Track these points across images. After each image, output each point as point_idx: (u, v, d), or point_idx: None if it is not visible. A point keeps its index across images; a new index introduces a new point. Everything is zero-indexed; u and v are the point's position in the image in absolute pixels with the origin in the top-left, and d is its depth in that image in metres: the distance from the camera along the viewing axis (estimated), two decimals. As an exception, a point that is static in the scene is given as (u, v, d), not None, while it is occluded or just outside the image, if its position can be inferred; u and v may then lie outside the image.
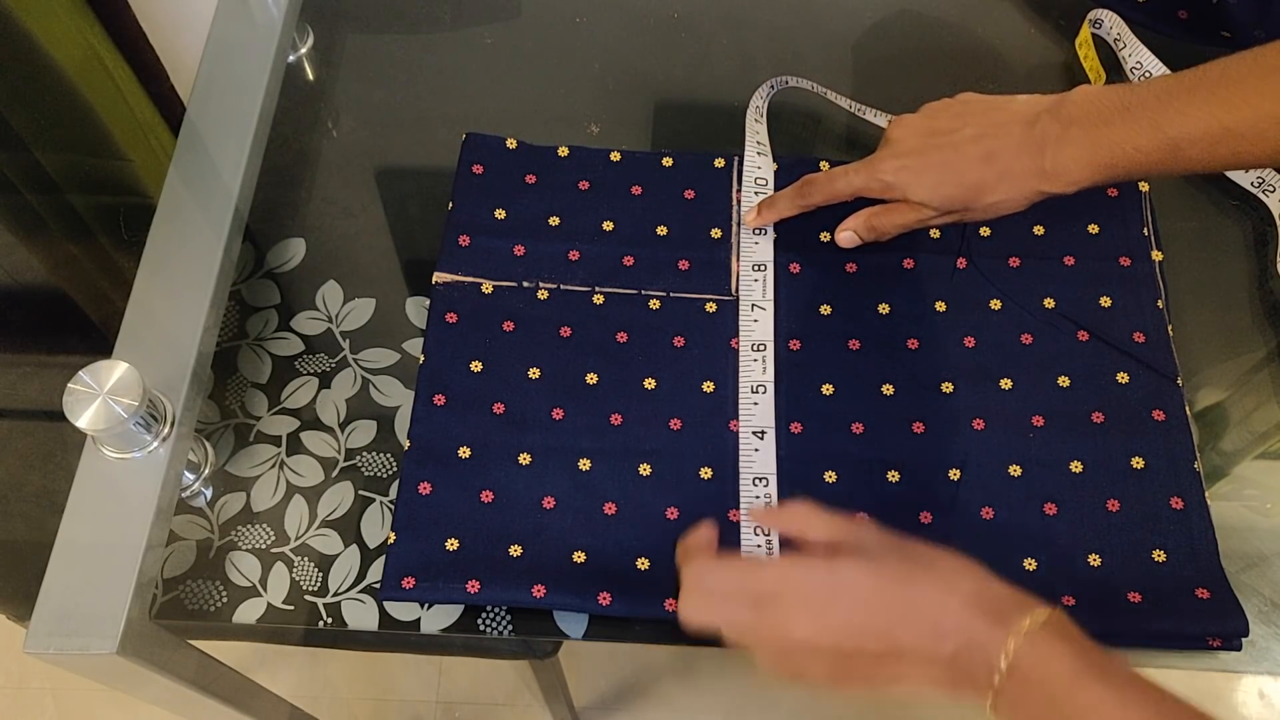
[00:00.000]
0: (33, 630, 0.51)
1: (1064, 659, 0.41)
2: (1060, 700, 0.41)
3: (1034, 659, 0.41)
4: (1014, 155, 0.56)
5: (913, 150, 0.59)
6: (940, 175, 0.58)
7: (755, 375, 0.60)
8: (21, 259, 0.75)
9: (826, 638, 0.44)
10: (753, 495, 0.57)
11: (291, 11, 0.74)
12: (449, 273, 0.63)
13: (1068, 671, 0.41)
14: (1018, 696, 0.41)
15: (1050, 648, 0.41)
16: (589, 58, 0.74)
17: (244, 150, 0.66)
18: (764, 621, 0.45)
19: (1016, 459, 0.58)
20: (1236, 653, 0.54)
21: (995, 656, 0.41)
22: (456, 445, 0.58)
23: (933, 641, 0.43)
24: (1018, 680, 0.41)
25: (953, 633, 0.43)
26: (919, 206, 0.59)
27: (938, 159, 0.58)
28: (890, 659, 0.44)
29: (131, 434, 0.53)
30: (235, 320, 0.63)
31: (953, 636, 0.43)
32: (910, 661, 0.43)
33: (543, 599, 0.54)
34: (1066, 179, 0.55)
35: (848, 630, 0.44)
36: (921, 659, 0.43)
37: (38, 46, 0.76)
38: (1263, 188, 0.67)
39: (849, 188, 0.60)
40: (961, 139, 0.57)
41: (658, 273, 0.64)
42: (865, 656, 0.44)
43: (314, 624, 0.55)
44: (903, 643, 0.43)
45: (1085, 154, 0.54)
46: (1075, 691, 0.40)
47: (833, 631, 0.44)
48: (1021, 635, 0.41)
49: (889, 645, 0.43)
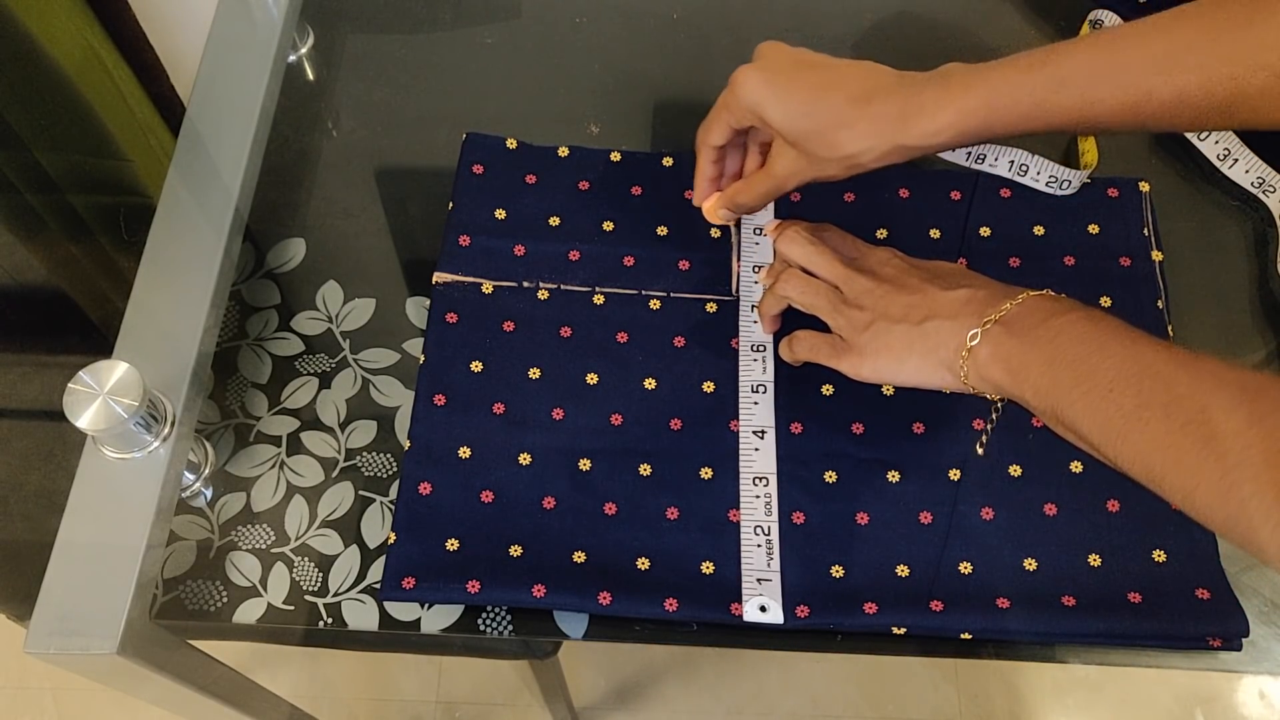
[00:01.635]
0: (33, 630, 0.51)
1: (1059, 302, 0.50)
2: (1047, 323, 0.48)
3: (1036, 301, 0.50)
4: (881, 100, 0.54)
5: (782, 70, 0.56)
6: (803, 100, 0.55)
7: (755, 375, 0.60)
8: (21, 259, 0.75)
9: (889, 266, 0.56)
10: (753, 495, 0.57)
11: (291, 11, 0.74)
12: (449, 273, 0.63)
13: (1061, 307, 0.49)
14: (1008, 324, 0.50)
15: (1049, 297, 0.50)
16: (589, 58, 0.74)
17: (244, 150, 0.66)
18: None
19: (1016, 459, 0.58)
20: (1236, 653, 0.54)
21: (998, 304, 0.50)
22: (457, 445, 0.58)
23: (958, 292, 0.53)
24: (1016, 313, 0.50)
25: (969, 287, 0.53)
26: (770, 173, 0.58)
27: (804, 82, 0.55)
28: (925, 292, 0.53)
29: (131, 434, 0.54)
30: (235, 320, 0.63)
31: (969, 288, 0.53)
32: (940, 303, 0.52)
33: (543, 599, 0.54)
34: (927, 124, 0.53)
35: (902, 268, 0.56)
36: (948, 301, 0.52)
37: (38, 46, 0.76)
38: (1263, 188, 0.67)
39: (715, 120, 0.59)
40: (836, 75, 0.55)
41: (658, 273, 0.64)
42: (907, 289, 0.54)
43: (314, 624, 0.55)
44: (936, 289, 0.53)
45: (950, 96, 0.52)
46: (1052, 318, 0.48)
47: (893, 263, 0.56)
48: (1035, 292, 0.51)
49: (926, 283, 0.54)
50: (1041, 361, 0.48)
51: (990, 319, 0.50)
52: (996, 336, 0.49)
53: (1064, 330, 0.48)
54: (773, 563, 0.55)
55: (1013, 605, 0.54)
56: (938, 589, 0.55)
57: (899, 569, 0.55)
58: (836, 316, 0.56)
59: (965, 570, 0.55)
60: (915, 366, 0.53)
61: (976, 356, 0.50)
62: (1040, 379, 0.48)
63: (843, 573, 0.55)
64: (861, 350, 0.54)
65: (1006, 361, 0.49)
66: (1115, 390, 0.45)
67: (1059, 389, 0.47)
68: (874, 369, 0.54)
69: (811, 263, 0.58)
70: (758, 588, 0.54)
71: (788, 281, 0.58)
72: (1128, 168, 0.68)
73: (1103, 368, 0.45)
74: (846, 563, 0.55)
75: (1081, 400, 0.46)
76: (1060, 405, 0.47)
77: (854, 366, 0.54)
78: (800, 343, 0.58)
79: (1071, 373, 0.46)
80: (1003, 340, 0.49)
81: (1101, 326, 0.47)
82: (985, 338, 0.50)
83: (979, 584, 0.55)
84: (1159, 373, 0.44)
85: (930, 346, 0.52)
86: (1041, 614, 0.54)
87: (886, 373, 0.54)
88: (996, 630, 0.54)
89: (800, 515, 0.57)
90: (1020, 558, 0.56)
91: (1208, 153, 0.69)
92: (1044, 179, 0.66)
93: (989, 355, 0.50)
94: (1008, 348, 0.49)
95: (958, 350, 0.51)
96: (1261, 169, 0.67)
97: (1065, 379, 0.47)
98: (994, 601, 0.54)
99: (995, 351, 0.49)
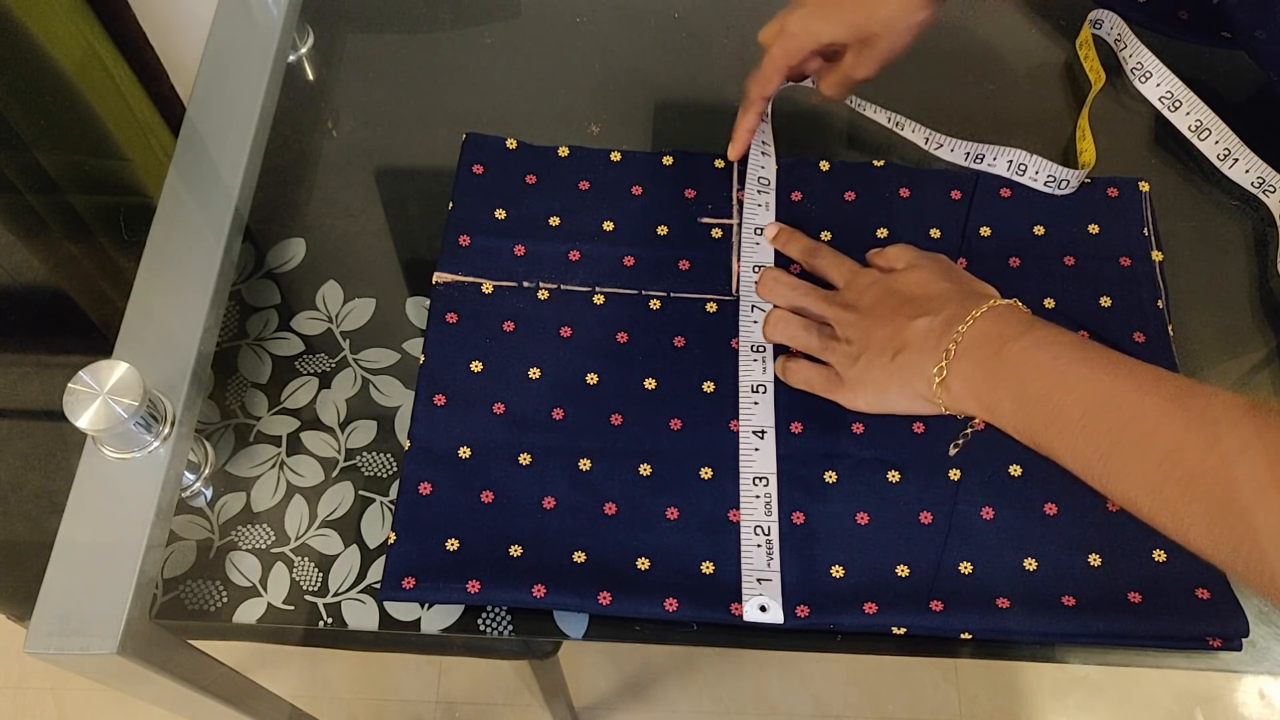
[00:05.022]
0: (33, 630, 0.51)
1: (1008, 323, 0.50)
2: (1002, 353, 0.49)
3: (984, 324, 0.51)
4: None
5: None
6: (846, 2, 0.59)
7: (755, 375, 0.60)
8: (21, 259, 0.75)
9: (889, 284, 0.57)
10: (753, 495, 0.57)
11: (291, 11, 0.74)
12: (449, 273, 0.63)
13: (1011, 331, 0.50)
14: (966, 355, 0.50)
15: (996, 315, 0.51)
16: (589, 58, 0.74)
17: (244, 150, 0.66)
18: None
19: (1016, 459, 0.58)
20: (1236, 653, 0.54)
21: (961, 320, 0.51)
22: (457, 445, 0.58)
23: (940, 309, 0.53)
24: (969, 341, 0.51)
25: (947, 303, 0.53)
26: (851, 77, 0.62)
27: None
28: (915, 304, 0.54)
29: (131, 434, 0.53)
30: (235, 320, 0.63)
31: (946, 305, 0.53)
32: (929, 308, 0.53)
33: (543, 599, 0.54)
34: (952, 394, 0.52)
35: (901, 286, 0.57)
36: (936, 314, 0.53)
37: (38, 46, 0.76)
38: (1263, 188, 0.67)
39: (772, 70, 0.63)
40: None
41: (658, 273, 0.64)
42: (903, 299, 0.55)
43: (314, 624, 0.55)
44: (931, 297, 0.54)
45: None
46: (1005, 346, 0.49)
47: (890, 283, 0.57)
48: (983, 307, 0.52)
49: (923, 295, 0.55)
50: (1009, 398, 0.48)
51: (949, 351, 0.51)
52: (961, 370, 0.50)
53: (1020, 361, 0.48)
54: (773, 562, 0.55)
55: (1012, 605, 0.54)
56: (938, 589, 0.55)
57: (899, 569, 0.55)
58: (828, 354, 0.57)
59: (965, 570, 0.55)
60: (897, 398, 0.54)
61: (949, 389, 0.51)
62: (1013, 417, 0.48)
63: (843, 572, 0.55)
64: (852, 385, 0.56)
65: (977, 397, 0.50)
66: (1087, 429, 0.45)
67: (1033, 429, 0.47)
68: (866, 402, 0.56)
69: (796, 305, 0.60)
70: (758, 588, 0.54)
71: (776, 326, 0.60)
72: (1128, 168, 0.68)
73: (1068, 404, 0.46)
74: (846, 562, 0.55)
75: (1058, 440, 0.46)
76: (1039, 444, 0.48)
77: (849, 400, 0.57)
78: (795, 374, 0.59)
79: (1040, 412, 0.47)
80: (967, 373, 0.50)
81: (1057, 354, 0.48)
82: (951, 371, 0.51)
83: (979, 584, 0.55)
84: (1123, 406, 0.44)
85: (905, 380, 0.53)
86: (1041, 614, 0.54)
87: (877, 405, 0.56)
88: (996, 630, 0.54)
89: (800, 515, 0.57)
90: (1020, 558, 0.56)
91: (1208, 153, 0.69)
92: (1042, 178, 0.66)
93: (960, 389, 0.50)
94: (974, 381, 0.50)
95: (929, 383, 0.52)
96: (1261, 169, 0.67)
97: (1036, 419, 0.47)
98: (994, 601, 0.54)
99: (964, 386, 0.50)
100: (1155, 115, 0.71)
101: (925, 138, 0.69)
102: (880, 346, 0.54)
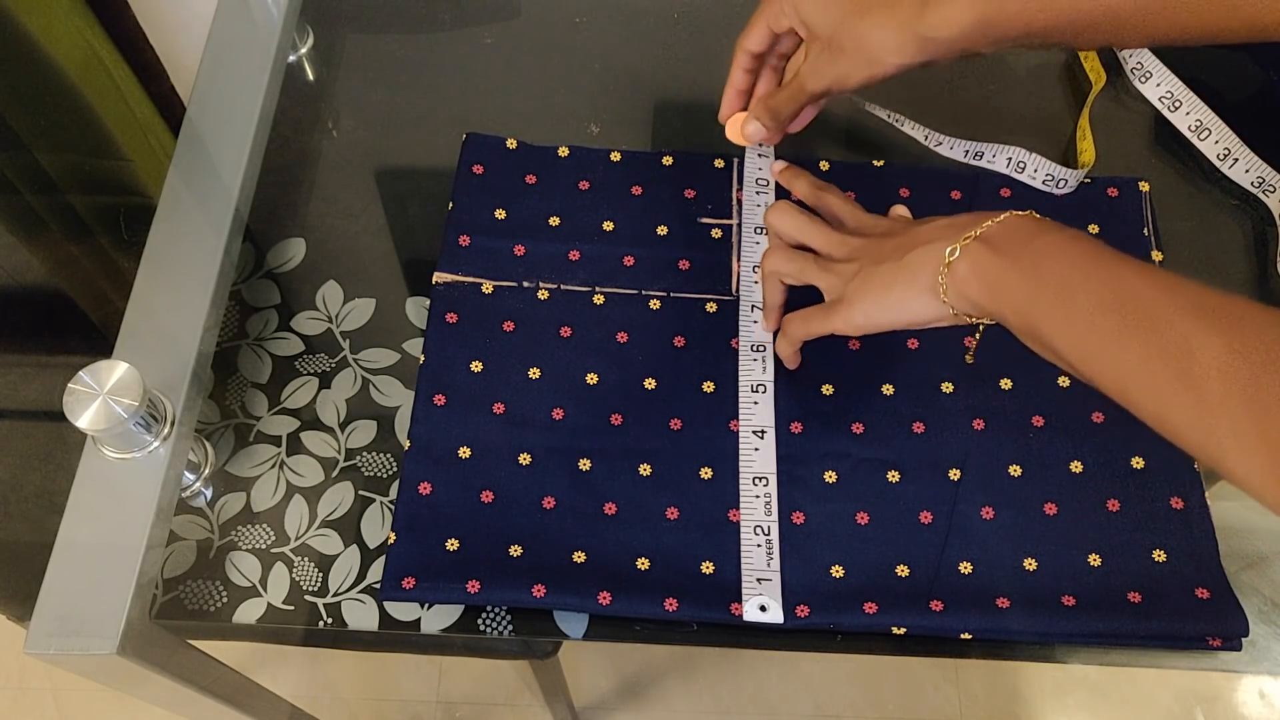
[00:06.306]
0: (33, 630, 0.51)
1: (1041, 223, 0.50)
2: (1031, 244, 0.49)
3: (1016, 220, 0.50)
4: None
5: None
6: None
7: (755, 375, 0.60)
8: (21, 259, 0.75)
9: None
10: (753, 495, 0.57)
11: (291, 11, 0.74)
12: (449, 273, 0.63)
13: (1045, 228, 0.49)
14: (988, 240, 0.50)
15: (1029, 217, 0.50)
16: (589, 58, 0.74)
17: (244, 150, 0.66)
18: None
19: (1016, 459, 0.58)
20: (1236, 653, 0.54)
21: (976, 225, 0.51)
22: (456, 445, 0.58)
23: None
24: (997, 231, 0.50)
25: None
26: (796, 78, 0.59)
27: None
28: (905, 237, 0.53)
29: (131, 434, 0.54)
30: (235, 320, 0.63)
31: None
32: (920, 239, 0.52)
33: (543, 599, 0.54)
34: (943, 17, 0.53)
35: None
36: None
37: (38, 46, 0.76)
38: (1263, 188, 0.67)
39: (754, 24, 0.61)
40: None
41: (658, 273, 0.64)
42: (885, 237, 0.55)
43: (314, 624, 0.55)
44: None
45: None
46: (1036, 238, 0.49)
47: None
48: (1011, 213, 0.51)
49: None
50: (1021, 280, 0.48)
51: (969, 236, 0.50)
52: (975, 252, 0.49)
53: (1047, 250, 0.48)
54: (773, 562, 0.55)
55: (1013, 605, 0.54)
56: (937, 589, 0.55)
57: (899, 569, 0.55)
58: (826, 276, 0.55)
59: (965, 570, 0.55)
60: (899, 298, 0.52)
61: (955, 273, 0.50)
62: (1019, 297, 0.48)
63: (843, 572, 0.55)
64: (850, 299, 0.54)
65: (985, 277, 0.49)
66: (1096, 313, 0.45)
67: (1038, 308, 0.47)
68: (864, 313, 0.53)
69: (802, 234, 0.58)
70: (758, 587, 0.54)
71: (773, 255, 0.58)
72: (1128, 167, 0.68)
73: (1085, 289, 0.46)
74: (846, 562, 0.55)
75: (1062, 320, 0.46)
76: (1038, 323, 0.47)
77: (846, 318, 0.54)
78: (792, 325, 0.57)
79: (1053, 292, 0.46)
80: (981, 256, 0.49)
81: (1086, 248, 0.47)
82: (964, 253, 0.50)
83: (979, 584, 0.55)
84: (1140, 296, 0.44)
85: (911, 275, 0.52)
86: (1041, 614, 0.54)
87: (875, 313, 0.53)
88: (996, 630, 0.54)
89: (800, 515, 0.57)
90: (1020, 557, 0.56)
91: (1208, 153, 0.69)
92: (1041, 177, 0.66)
93: (967, 270, 0.49)
94: (986, 263, 0.49)
95: (936, 270, 0.51)
96: (1261, 169, 0.67)
97: (1046, 298, 0.47)
98: (994, 601, 0.54)
99: (973, 267, 0.49)
100: (1155, 115, 0.71)
101: (925, 135, 0.69)
102: (887, 254, 0.53)
